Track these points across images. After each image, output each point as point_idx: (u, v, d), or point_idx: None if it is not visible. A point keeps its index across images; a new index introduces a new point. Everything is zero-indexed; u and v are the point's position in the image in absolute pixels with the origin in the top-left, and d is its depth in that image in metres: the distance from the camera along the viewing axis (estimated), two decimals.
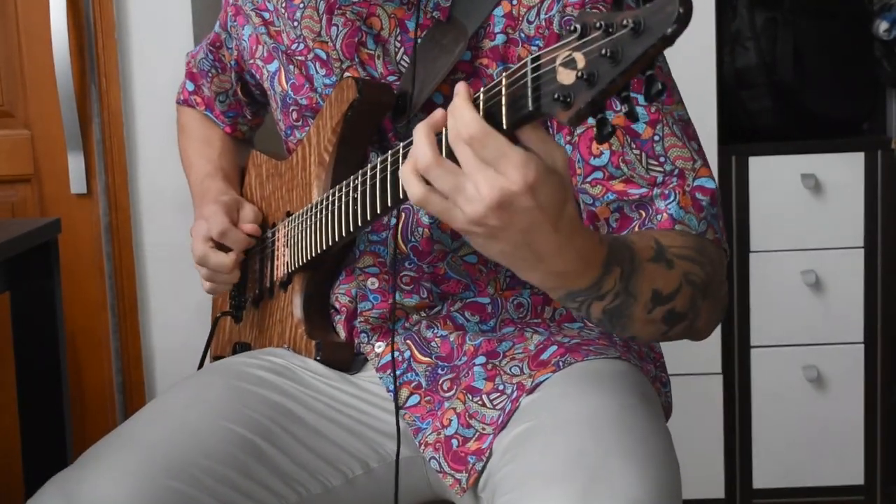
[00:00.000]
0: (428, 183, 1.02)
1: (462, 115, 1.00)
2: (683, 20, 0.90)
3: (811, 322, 2.69)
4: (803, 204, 2.66)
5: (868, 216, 2.66)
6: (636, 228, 1.23)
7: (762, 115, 2.69)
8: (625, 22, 0.93)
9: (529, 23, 1.26)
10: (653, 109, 1.24)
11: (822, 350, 2.70)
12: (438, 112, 1.04)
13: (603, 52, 0.94)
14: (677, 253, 1.17)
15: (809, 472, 2.73)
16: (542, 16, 1.26)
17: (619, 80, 0.94)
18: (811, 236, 2.67)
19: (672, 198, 1.22)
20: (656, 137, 1.24)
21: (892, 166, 2.65)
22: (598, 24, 0.95)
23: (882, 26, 2.70)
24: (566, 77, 0.97)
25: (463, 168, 0.99)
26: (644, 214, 1.24)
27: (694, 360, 2.65)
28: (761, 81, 2.66)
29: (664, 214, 1.22)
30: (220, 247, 1.48)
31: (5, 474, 2.40)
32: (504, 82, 1.03)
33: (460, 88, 1.02)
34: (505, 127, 1.01)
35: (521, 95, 1.01)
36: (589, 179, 1.25)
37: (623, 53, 0.93)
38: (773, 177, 2.66)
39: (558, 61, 0.98)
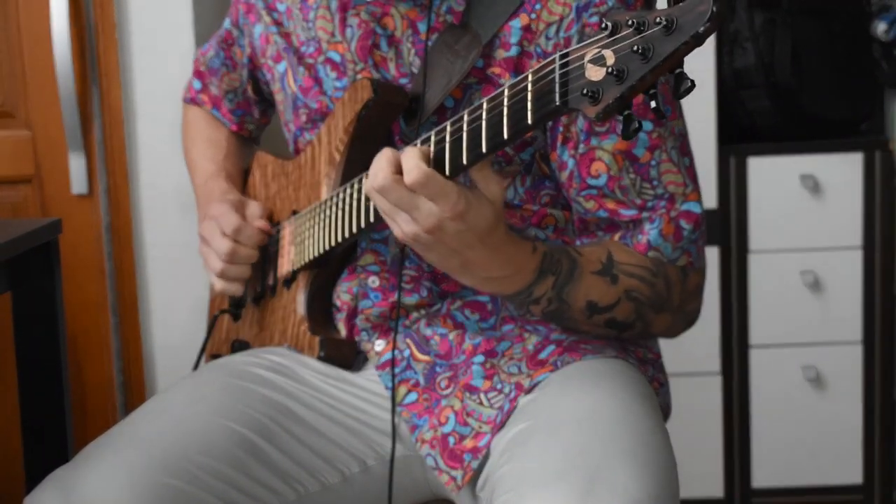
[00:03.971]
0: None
1: (408, 162, 1.13)
2: (716, 19, 0.92)
3: (810, 322, 2.69)
4: (802, 204, 2.66)
5: (867, 216, 2.66)
6: (618, 235, 1.29)
7: (761, 115, 2.69)
8: (658, 20, 0.94)
9: (548, 39, 1.27)
10: (654, 135, 1.26)
11: (821, 350, 2.70)
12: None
13: (634, 48, 0.95)
14: (626, 270, 1.27)
15: (808, 471, 2.73)
16: (562, 34, 1.26)
17: (649, 77, 0.96)
18: (810, 236, 2.68)
19: (656, 223, 1.28)
20: (653, 162, 1.27)
21: (890, 167, 2.65)
22: (629, 22, 0.97)
23: (881, 27, 2.71)
24: (595, 73, 0.99)
25: (397, 205, 1.14)
26: (631, 227, 1.29)
27: (693, 360, 2.65)
28: (760, 82, 2.67)
29: (644, 238, 1.28)
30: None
31: (6, 474, 2.41)
32: (530, 78, 1.05)
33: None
34: (530, 122, 1.05)
35: (549, 91, 1.03)
36: (583, 194, 1.29)
37: (654, 50, 0.95)
38: (772, 177, 2.66)
39: (587, 58, 1.00)
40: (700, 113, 2.53)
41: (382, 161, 1.15)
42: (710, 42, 2.61)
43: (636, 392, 1.25)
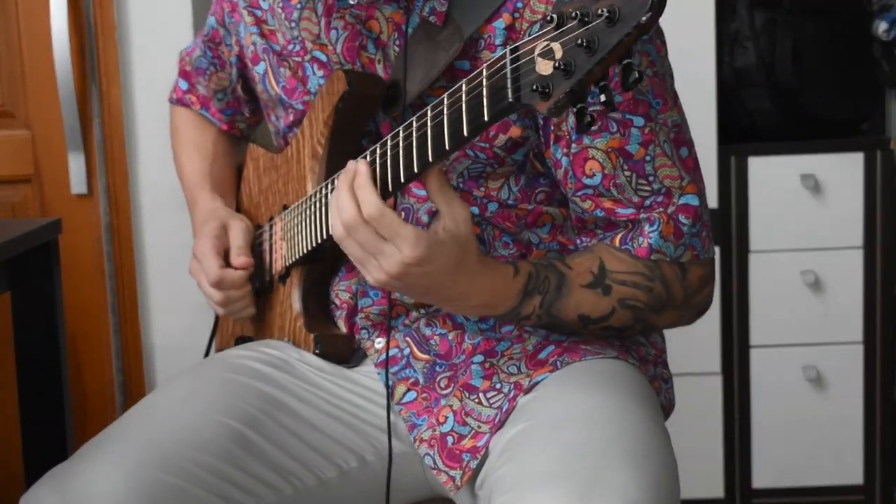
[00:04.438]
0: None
1: (363, 196, 1.13)
2: (658, 8, 0.91)
3: (811, 322, 2.69)
4: (803, 204, 2.66)
5: (867, 216, 2.66)
6: (619, 237, 1.27)
7: (762, 115, 2.69)
8: (600, 11, 0.93)
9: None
10: (647, 130, 1.25)
11: (822, 350, 2.70)
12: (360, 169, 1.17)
13: (579, 41, 0.94)
14: (619, 279, 1.26)
15: (809, 471, 2.73)
16: None
17: (597, 70, 0.95)
18: (811, 236, 2.67)
19: (656, 225, 1.26)
20: (647, 158, 1.25)
21: (891, 166, 2.65)
22: (573, 14, 0.95)
23: (881, 27, 2.70)
24: (544, 68, 0.98)
25: (364, 246, 1.15)
26: (630, 227, 1.28)
27: (694, 360, 2.65)
28: (761, 82, 2.67)
29: (645, 241, 1.26)
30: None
31: (6, 475, 2.41)
32: (485, 73, 1.05)
33: (361, 168, 1.15)
34: (486, 119, 1.05)
35: (502, 87, 1.03)
36: (579, 194, 1.28)
37: (599, 43, 0.94)
38: (772, 177, 2.66)
39: (536, 52, 0.99)
40: (700, 113, 2.53)
41: (344, 195, 1.16)
42: (711, 41, 2.61)
43: (635, 393, 1.25)
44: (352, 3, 1.32)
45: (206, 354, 1.59)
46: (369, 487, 1.35)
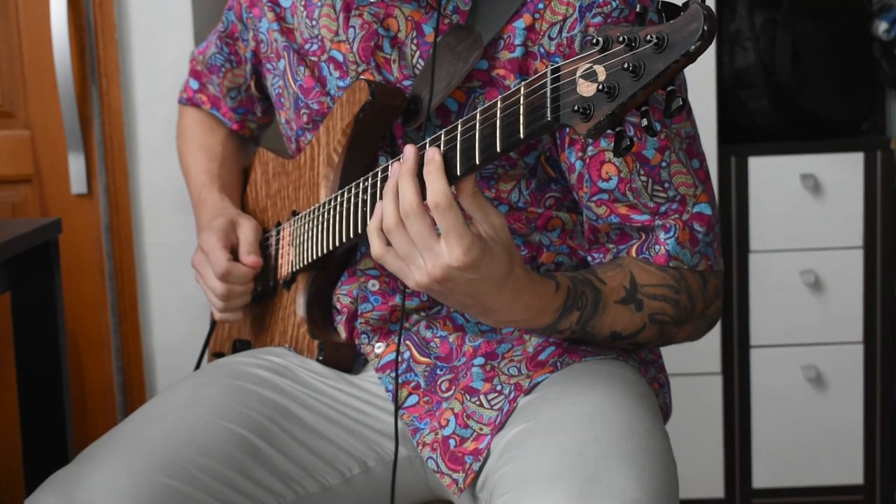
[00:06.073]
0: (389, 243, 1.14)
1: (434, 184, 1.09)
2: (707, 37, 0.92)
3: (810, 322, 2.69)
4: (803, 204, 2.66)
5: (867, 216, 2.66)
6: (634, 248, 1.27)
7: (761, 115, 2.69)
8: (648, 37, 0.94)
9: (551, 39, 1.26)
10: (663, 135, 1.25)
11: (822, 350, 2.70)
12: (435, 157, 1.11)
13: (625, 66, 0.95)
14: (650, 293, 1.25)
15: (809, 471, 2.73)
16: (564, 34, 1.26)
17: (640, 95, 0.95)
18: (810, 236, 2.68)
19: (672, 232, 1.26)
20: (664, 164, 1.25)
21: (891, 166, 2.65)
22: (620, 38, 0.96)
23: (881, 27, 2.71)
24: (586, 89, 0.98)
25: (415, 239, 1.09)
26: (644, 237, 1.27)
27: (693, 360, 2.65)
28: (760, 82, 2.67)
29: (662, 248, 1.26)
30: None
31: (6, 474, 2.41)
32: (522, 91, 1.04)
33: (436, 156, 1.10)
34: (522, 136, 1.04)
35: (540, 105, 1.02)
36: (594, 199, 1.27)
37: (645, 68, 0.94)
38: (772, 177, 2.66)
39: (579, 73, 0.99)
40: (700, 113, 2.53)
41: (406, 181, 1.12)
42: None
43: (635, 393, 1.25)
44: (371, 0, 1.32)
45: (200, 358, 1.58)
46: (371, 493, 1.35)
